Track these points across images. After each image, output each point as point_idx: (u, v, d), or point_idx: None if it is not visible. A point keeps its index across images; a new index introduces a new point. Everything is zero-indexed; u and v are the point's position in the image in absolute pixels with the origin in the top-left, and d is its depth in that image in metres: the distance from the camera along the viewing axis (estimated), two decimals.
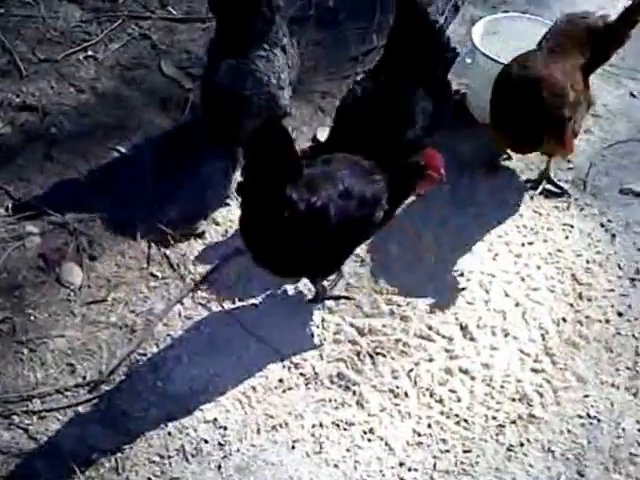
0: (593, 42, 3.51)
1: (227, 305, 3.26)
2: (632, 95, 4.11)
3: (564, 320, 3.21)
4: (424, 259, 3.39)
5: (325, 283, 3.27)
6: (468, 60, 3.99)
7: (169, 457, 2.87)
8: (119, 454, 2.88)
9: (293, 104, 3.72)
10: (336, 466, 2.84)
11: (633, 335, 3.18)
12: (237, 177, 3.08)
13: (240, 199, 2.96)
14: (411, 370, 3.06)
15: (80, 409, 2.98)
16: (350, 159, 3.08)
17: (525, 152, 3.59)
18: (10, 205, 3.55)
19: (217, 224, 3.52)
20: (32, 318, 3.20)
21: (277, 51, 3.57)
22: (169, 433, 2.91)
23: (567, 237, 3.48)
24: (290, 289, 3.31)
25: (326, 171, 3.01)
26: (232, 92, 3.46)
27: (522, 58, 3.51)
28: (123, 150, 3.80)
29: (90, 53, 4.20)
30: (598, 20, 3.54)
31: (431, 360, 3.09)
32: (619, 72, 4.18)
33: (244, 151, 2.93)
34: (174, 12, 4.44)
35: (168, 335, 3.17)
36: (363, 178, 3.03)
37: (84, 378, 3.05)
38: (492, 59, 3.73)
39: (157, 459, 2.87)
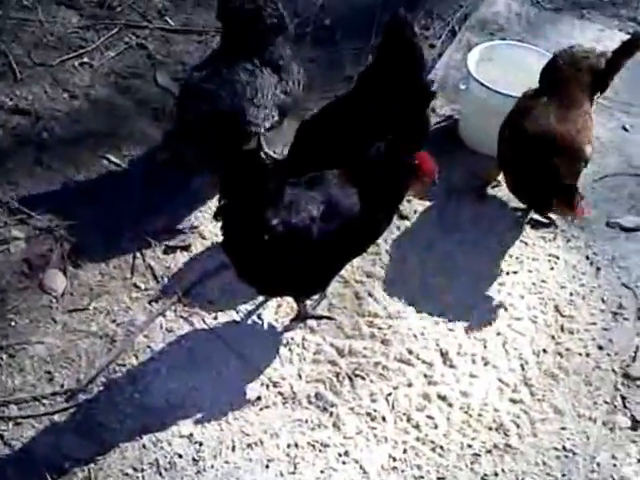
0: (595, 81, 3.52)
1: (209, 320, 3.24)
2: (624, 129, 4.13)
3: (544, 351, 3.21)
4: (408, 283, 3.38)
5: (308, 302, 3.25)
6: (462, 86, 4.00)
7: (142, 470, 2.84)
8: (92, 465, 2.85)
9: (273, 125, 3.61)
10: None
11: (613, 369, 3.17)
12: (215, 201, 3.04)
13: (220, 222, 2.94)
14: (389, 394, 3.05)
15: (56, 417, 2.95)
16: (334, 178, 3.06)
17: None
18: None
19: (203, 237, 3.50)
20: (13, 323, 3.18)
21: (267, 70, 3.56)
22: (144, 446, 2.89)
23: (552, 268, 3.48)
24: (273, 306, 3.30)
25: (309, 192, 2.99)
26: (198, 96, 3.44)
27: (531, 104, 3.45)
28: (113, 159, 3.78)
29: (86, 60, 4.19)
30: (600, 60, 3.53)
31: (410, 385, 3.08)
32: (612, 105, 4.20)
33: (220, 181, 2.92)
34: (171, 23, 4.44)
35: (148, 347, 3.15)
36: (347, 198, 3.01)
37: (62, 386, 3.02)
38: (486, 87, 3.73)
39: (130, 472, 2.84)
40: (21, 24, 4.32)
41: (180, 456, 2.87)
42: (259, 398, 3.02)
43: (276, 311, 3.28)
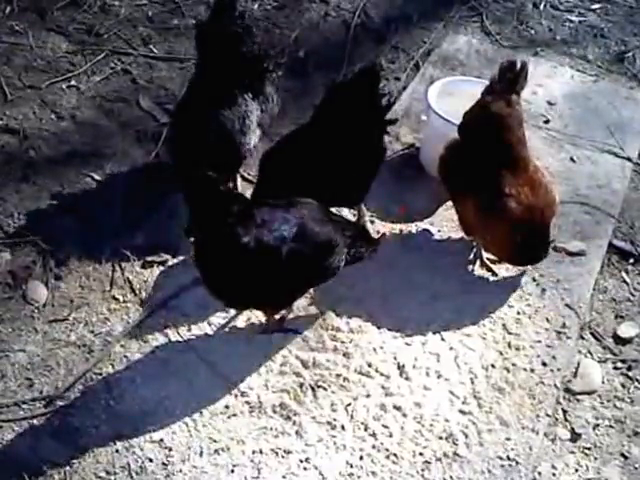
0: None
1: (183, 332, 3.25)
2: (572, 160, 4.19)
3: (493, 366, 3.25)
4: (369, 299, 3.41)
5: (275, 316, 3.28)
6: (423, 117, 4.05)
7: (115, 473, 2.84)
8: (68, 467, 2.85)
9: (258, 145, 3.72)
10: None
11: (555, 385, 3.22)
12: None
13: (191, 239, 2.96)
14: (349, 404, 3.07)
15: (35, 422, 2.95)
16: (312, 204, 3.10)
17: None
18: None
19: (179, 253, 3.51)
20: None
21: (248, 96, 3.60)
22: (117, 450, 2.89)
23: (500, 289, 3.53)
24: (243, 320, 3.31)
25: (285, 213, 3.02)
26: (194, 138, 3.46)
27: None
28: (97, 177, 3.79)
29: (73, 83, 4.20)
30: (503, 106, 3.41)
31: (368, 396, 3.10)
32: (562, 138, 4.26)
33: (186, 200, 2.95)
34: (155, 51, 4.46)
35: (124, 357, 3.15)
36: (321, 223, 3.05)
37: (41, 393, 3.02)
38: (444, 119, 3.78)
39: (103, 475, 2.84)
40: (13, 48, 4.33)
41: (151, 460, 2.88)
42: (227, 407, 3.03)
43: (246, 324, 3.29)
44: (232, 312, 3.30)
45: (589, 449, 3.09)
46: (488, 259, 3.59)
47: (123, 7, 4.65)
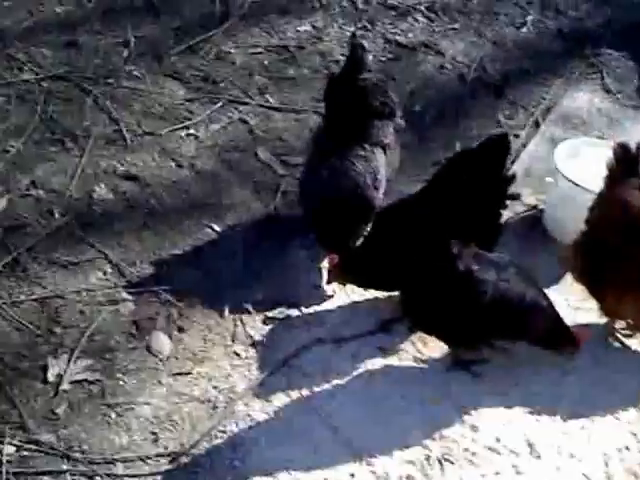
0: None
1: (305, 392, 3.27)
2: None
3: (627, 448, 3.19)
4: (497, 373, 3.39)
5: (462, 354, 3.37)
6: (548, 179, 4.05)
7: None
8: None
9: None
10: None
11: None
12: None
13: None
14: None
15: (159, 478, 3.00)
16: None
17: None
18: (108, 270, 3.63)
19: (300, 310, 3.56)
20: (121, 383, 3.24)
21: (377, 150, 3.67)
22: None
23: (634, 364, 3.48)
24: (367, 377, 3.32)
25: (499, 260, 3.28)
26: (328, 196, 3.54)
27: None
28: (216, 227, 3.87)
29: (192, 131, 4.31)
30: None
31: (497, 473, 3.07)
32: None
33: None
34: (271, 100, 4.55)
35: (248, 415, 3.18)
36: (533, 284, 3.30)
37: (166, 448, 3.07)
38: (574, 183, 3.77)
39: None
40: (132, 93, 4.46)
41: None
42: (352, 475, 3.04)
43: (372, 387, 3.29)
44: (355, 372, 3.31)
45: None
46: (621, 331, 3.54)
47: (239, 55, 4.76)
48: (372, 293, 3.61)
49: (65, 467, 2.97)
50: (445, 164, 3.65)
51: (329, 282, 3.56)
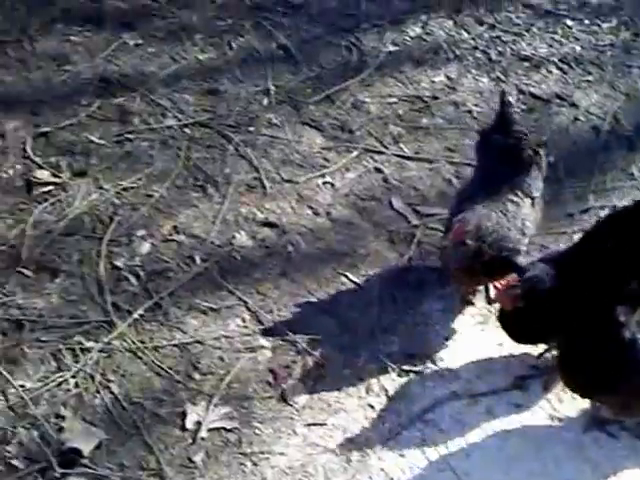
0: None
1: (440, 448, 3.26)
2: None
3: None
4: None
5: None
6: None
7: None
8: None
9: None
10: None
11: None
12: None
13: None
14: None
15: None
16: None
17: None
18: (246, 316, 3.72)
19: (435, 364, 3.55)
20: (257, 432, 3.30)
21: (527, 201, 3.67)
22: None
23: None
24: (503, 440, 3.28)
25: None
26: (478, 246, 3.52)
27: None
28: (351, 277, 3.91)
29: (328, 179, 4.38)
30: None
31: None
32: None
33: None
34: (405, 150, 4.58)
35: (382, 470, 3.19)
36: None
37: None
38: None
39: None
40: (271, 141, 4.57)
41: None
42: None
43: (506, 443, 3.25)
44: (489, 430, 3.27)
45: None
46: None
47: (374, 104, 4.83)
48: (507, 349, 3.58)
49: None
50: (596, 225, 3.59)
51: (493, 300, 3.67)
